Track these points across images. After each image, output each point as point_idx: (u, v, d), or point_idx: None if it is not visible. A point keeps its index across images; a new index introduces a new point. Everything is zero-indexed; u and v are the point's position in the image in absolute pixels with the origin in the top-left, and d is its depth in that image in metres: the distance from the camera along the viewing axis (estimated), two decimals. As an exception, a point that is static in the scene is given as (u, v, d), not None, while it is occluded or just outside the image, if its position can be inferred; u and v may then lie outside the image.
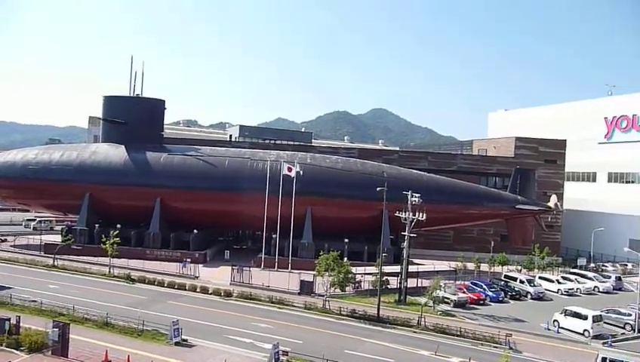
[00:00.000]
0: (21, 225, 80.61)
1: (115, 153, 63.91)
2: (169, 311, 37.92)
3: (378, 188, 45.62)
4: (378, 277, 43.03)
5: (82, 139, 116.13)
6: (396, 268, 48.73)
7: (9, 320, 29.89)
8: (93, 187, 61.71)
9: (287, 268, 54.78)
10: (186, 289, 45.60)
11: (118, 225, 57.08)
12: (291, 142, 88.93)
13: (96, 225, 60.53)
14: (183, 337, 31.60)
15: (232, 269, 50.07)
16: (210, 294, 44.53)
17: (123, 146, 64.35)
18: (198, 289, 45.38)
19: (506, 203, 64.15)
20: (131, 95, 67.80)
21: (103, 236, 52.29)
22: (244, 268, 49.74)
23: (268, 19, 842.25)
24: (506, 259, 60.85)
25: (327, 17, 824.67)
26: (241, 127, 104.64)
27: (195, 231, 61.28)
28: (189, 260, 53.49)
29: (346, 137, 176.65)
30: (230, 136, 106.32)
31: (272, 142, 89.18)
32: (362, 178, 61.44)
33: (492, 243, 66.93)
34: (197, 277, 50.61)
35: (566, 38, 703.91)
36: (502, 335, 35.41)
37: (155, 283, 47.27)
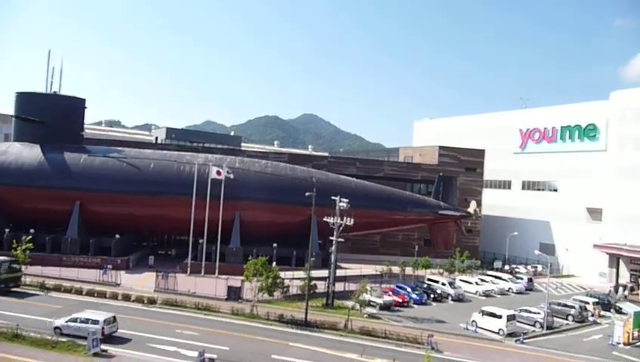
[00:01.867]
0: None
1: (28, 153, 59.85)
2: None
3: (307, 193, 46.02)
4: (306, 281, 43.31)
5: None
6: (324, 273, 49.25)
7: None
8: (2, 189, 57.37)
9: (215, 274, 53.79)
10: (106, 297, 43.51)
11: (32, 230, 53.50)
12: (220, 146, 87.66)
13: (7, 230, 56.25)
14: (102, 347, 30.10)
15: (157, 275, 48.42)
16: (133, 301, 42.78)
17: (38, 146, 60.42)
18: (119, 297, 43.44)
19: (430, 208, 66.88)
20: (48, 92, 63.85)
21: (15, 241, 48.77)
22: (169, 274, 48.25)
23: (201, 19, 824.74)
24: (429, 262, 63.39)
25: (255, 19, 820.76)
26: (168, 130, 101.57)
27: (117, 236, 58.64)
28: (110, 266, 51.06)
29: (276, 142, 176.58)
30: (156, 138, 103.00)
31: (201, 145, 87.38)
32: (292, 183, 61.69)
33: (416, 247, 69.53)
34: (118, 285, 48.43)
35: (480, 55, 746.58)
36: (424, 336, 36.80)
37: (73, 291, 44.65)
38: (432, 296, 52.87)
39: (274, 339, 35.61)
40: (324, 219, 47.39)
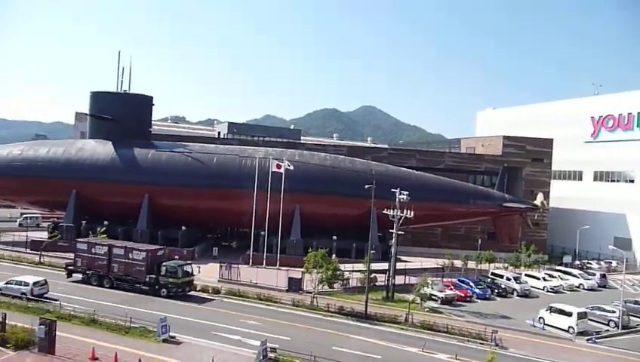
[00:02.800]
0: (7, 221, 79.80)
1: (102, 149, 63.40)
2: (156, 308, 37.83)
3: (366, 186, 45.86)
4: (366, 274, 43.26)
5: (68, 135, 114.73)
6: (384, 266, 49.00)
7: (-6, 317, 29.66)
8: (79, 183, 61.19)
9: (276, 266, 54.82)
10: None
11: (106, 222, 56.69)
12: (280, 140, 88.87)
13: (83, 222, 60.09)
14: (171, 334, 31.54)
15: (221, 266, 49.99)
16: (198, 291, 44.41)
17: (110, 142, 63.87)
18: (186, 286, 45.19)
19: (494, 201, 64.73)
20: (119, 91, 67.26)
21: (90, 233, 51.92)
22: (232, 265, 49.69)
23: (257, 18, 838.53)
24: (492, 256, 61.47)
25: (317, 15, 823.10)
26: (230, 124, 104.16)
27: (184, 228, 61.08)
28: (177, 257, 53.18)
29: (334, 135, 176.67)
30: (218, 133, 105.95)
31: (261, 139, 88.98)
32: (351, 175, 61.62)
33: (479, 240, 67.59)
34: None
35: (557, 37, 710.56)
36: (488, 332, 35.79)
37: (143, 280, 47.01)
38: (496, 291, 51.31)
39: (334, 331, 35.87)
40: (384, 211, 47.02)
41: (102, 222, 56.51)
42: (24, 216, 79.63)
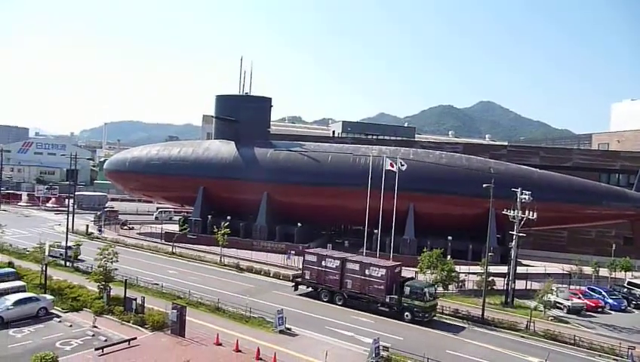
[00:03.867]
0: (145, 215, 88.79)
1: (226, 149, 67.87)
2: (274, 300, 39.64)
3: (484, 185, 43.75)
4: (483, 277, 41.38)
5: (197, 136, 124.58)
6: (503, 269, 46.48)
7: (135, 300, 33.17)
8: (206, 181, 66.17)
9: (388, 264, 54.49)
10: (290, 280, 47.23)
11: (229, 217, 60.50)
12: (394, 138, 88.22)
13: (209, 216, 64.89)
14: (287, 326, 32.90)
15: (334, 263, 50.81)
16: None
17: (233, 142, 68.17)
18: (301, 281, 46.77)
19: (632, 202, 58.28)
20: (241, 94, 71.53)
21: (215, 227, 55.81)
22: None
23: (374, 17, 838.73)
24: (629, 264, 55.37)
25: (435, 6, 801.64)
26: (344, 123, 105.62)
27: (299, 224, 63.31)
28: (293, 252, 55.35)
29: (450, 132, 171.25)
30: (333, 131, 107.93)
31: (375, 137, 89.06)
32: (467, 174, 59.33)
33: (613, 246, 61.22)
34: (300, 269, 52.12)
35: None
36: (623, 348, 32.38)
37: (262, 273, 49.61)
38: (633, 302, 46.20)
39: (448, 334, 34.84)
40: (504, 212, 44.60)
41: (225, 217, 60.47)
42: (159, 210, 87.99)
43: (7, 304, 31.49)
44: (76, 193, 77.99)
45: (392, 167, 56.25)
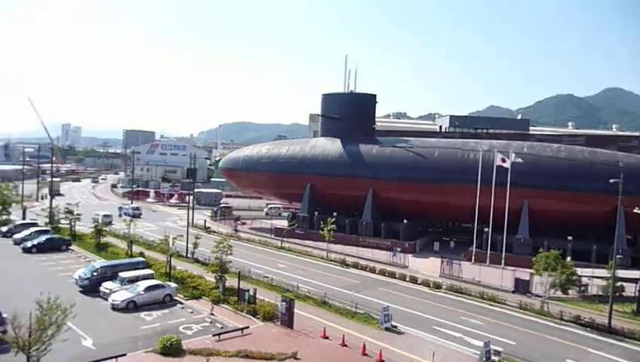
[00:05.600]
0: (256, 211, 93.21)
1: (331, 146, 68.97)
2: (379, 296, 39.56)
3: (611, 180, 39.81)
4: (610, 281, 37.71)
5: (304, 134, 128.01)
6: (634, 274, 42.04)
7: (248, 291, 34.96)
8: (313, 178, 67.80)
9: (500, 264, 51.91)
10: (395, 278, 46.89)
11: (335, 213, 61.44)
12: (506, 131, 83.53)
13: (316, 213, 66.39)
14: (393, 323, 32.64)
15: (442, 261, 49.59)
16: (419, 284, 44.89)
17: (339, 140, 69.05)
18: (407, 279, 46.23)
19: None
20: (346, 92, 72.21)
21: (322, 223, 56.98)
22: (453, 261, 48.86)
23: (481, 5, 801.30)
24: None
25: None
26: (452, 117, 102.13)
27: (405, 221, 62.47)
28: (399, 249, 54.83)
29: (570, 123, 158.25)
30: (440, 126, 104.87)
31: (485, 131, 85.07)
32: (591, 168, 54.47)
33: None
34: (406, 267, 51.55)
35: None
36: None
37: (367, 269, 49.75)
38: None
39: (568, 342, 32.23)
40: (635, 210, 40.28)
41: (331, 213, 61.49)
42: (269, 206, 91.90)
43: (139, 290, 34.83)
44: (195, 190, 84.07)
45: (504, 162, 53.40)
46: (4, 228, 58.92)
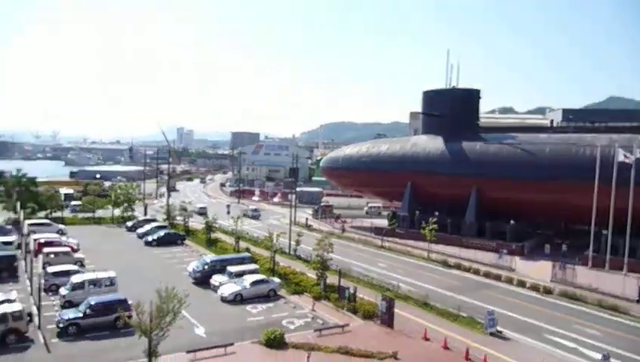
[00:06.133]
0: (356, 209, 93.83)
1: (433, 144, 67.43)
2: (483, 300, 38.03)
3: None
4: None
5: (404, 132, 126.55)
6: None
7: (348, 289, 35.40)
8: (414, 176, 66.77)
9: (622, 271, 47.36)
10: (500, 281, 44.75)
11: (436, 213, 59.99)
12: (629, 124, 75.98)
13: (417, 212, 65.30)
14: (498, 328, 31.21)
15: (554, 265, 46.41)
16: (527, 288, 42.42)
17: (440, 137, 67.32)
18: (514, 282, 43.89)
19: None
20: (447, 87, 70.18)
21: (423, 222, 55.95)
22: (567, 265, 45.52)
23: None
24: None
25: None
26: (564, 111, 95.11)
27: (512, 221, 59.28)
28: (505, 251, 52.23)
29: None
30: (551, 121, 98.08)
31: (603, 124, 78.04)
32: None
33: None
34: (513, 270, 48.95)
35: None
36: None
37: (470, 270, 48.00)
38: None
39: None
40: None
41: (433, 212, 60.14)
42: (369, 205, 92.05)
43: (245, 284, 36.74)
44: (297, 189, 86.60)
45: (627, 158, 48.66)
46: (129, 223, 65.28)
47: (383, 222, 69.18)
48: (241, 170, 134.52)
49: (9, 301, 29.83)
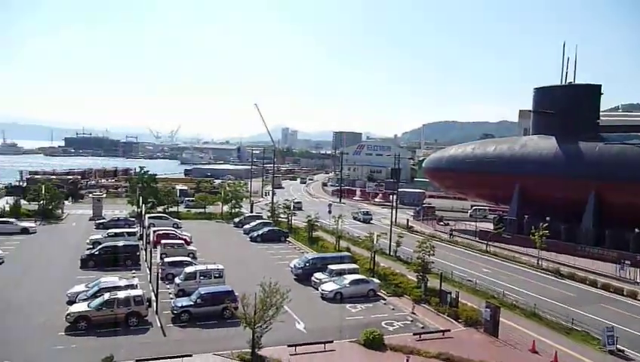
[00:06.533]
0: (459, 211, 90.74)
1: (544, 144, 63.15)
2: (601, 314, 34.87)
3: None
4: None
5: (513, 132, 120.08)
6: None
7: (450, 293, 34.34)
8: (523, 178, 63.04)
9: None
10: (622, 294, 40.71)
11: (548, 218, 56.23)
12: None
13: (526, 216, 61.54)
14: (619, 347, 28.46)
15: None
16: (655, 305, 38.20)
17: (553, 137, 62.85)
18: (638, 297, 39.75)
19: None
20: (562, 84, 65.27)
21: (532, 227, 52.67)
22: None
23: None
24: None
25: None
26: None
27: (637, 230, 53.68)
28: (628, 262, 47.44)
29: None
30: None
31: None
32: None
33: None
34: (638, 283, 44.34)
35: None
36: None
37: (587, 282, 44.20)
38: None
39: None
40: None
41: (543, 217, 56.40)
42: (474, 207, 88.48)
43: (345, 282, 37.11)
44: (398, 190, 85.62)
45: None
46: (237, 219, 68.84)
47: (488, 226, 66.07)
48: (342, 169, 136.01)
49: (132, 286, 32.85)
